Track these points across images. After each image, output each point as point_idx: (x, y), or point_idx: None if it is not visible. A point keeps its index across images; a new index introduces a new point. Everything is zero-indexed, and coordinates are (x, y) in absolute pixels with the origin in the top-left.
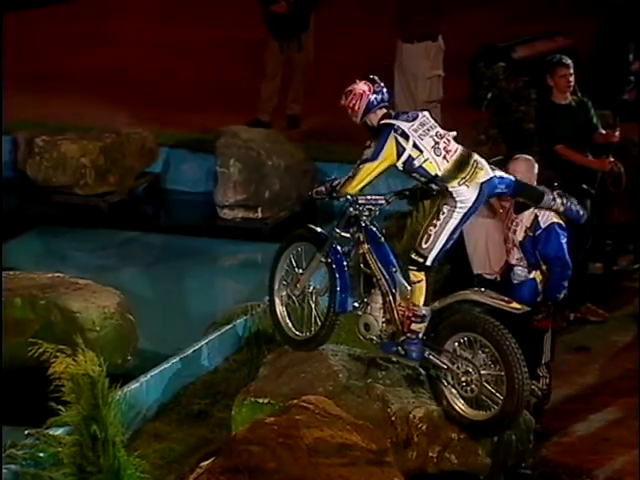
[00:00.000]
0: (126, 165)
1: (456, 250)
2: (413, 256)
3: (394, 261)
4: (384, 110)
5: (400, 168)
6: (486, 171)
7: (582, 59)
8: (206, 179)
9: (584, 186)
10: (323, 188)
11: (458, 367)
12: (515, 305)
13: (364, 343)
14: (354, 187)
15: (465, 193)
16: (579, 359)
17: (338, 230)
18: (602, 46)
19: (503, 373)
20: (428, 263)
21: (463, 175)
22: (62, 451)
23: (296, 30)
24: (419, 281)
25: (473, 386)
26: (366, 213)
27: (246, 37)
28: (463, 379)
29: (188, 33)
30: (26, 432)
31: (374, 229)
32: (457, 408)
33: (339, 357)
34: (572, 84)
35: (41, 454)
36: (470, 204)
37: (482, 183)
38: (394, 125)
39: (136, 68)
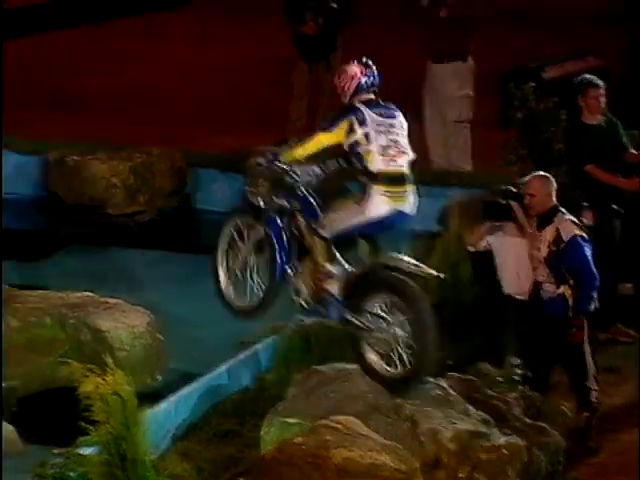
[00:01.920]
0: (156, 185)
1: (486, 270)
2: (314, 225)
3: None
4: (371, 95)
5: (345, 149)
6: (408, 204)
7: (612, 79)
8: (236, 199)
9: (614, 206)
10: (263, 159)
11: (376, 327)
12: (430, 271)
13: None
14: (301, 153)
15: (380, 205)
16: (608, 380)
17: (277, 200)
18: (633, 66)
19: (415, 334)
20: (326, 236)
21: (391, 188)
22: (91, 470)
23: (324, 51)
24: (316, 243)
25: (389, 345)
26: (303, 183)
27: (277, 56)
28: (380, 338)
29: (219, 53)
30: (55, 451)
31: (310, 199)
32: (373, 365)
33: (367, 377)
34: (603, 105)
35: (71, 473)
36: (376, 219)
37: (399, 211)
38: (359, 109)
39: (167, 87)
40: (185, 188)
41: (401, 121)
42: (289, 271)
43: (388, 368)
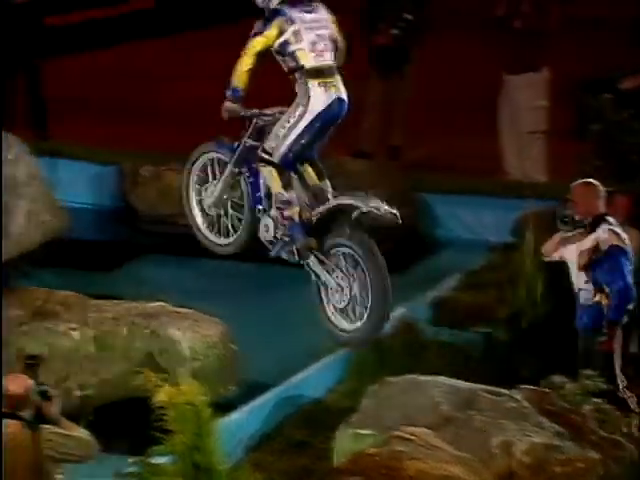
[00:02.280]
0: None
1: (560, 281)
2: (260, 152)
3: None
4: (290, 7)
5: (276, 48)
6: (344, 92)
7: None
8: None
9: None
10: (230, 99)
11: (335, 277)
12: (390, 211)
13: (465, 374)
14: (241, 66)
15: (320, 96)
16: None
17: (249, 140)
18: None
19: (369, 288)
20: (275, 161)
21: (324, 80)
22: None
23: (398, 62)
24: (268, 173)
25: (345, 296)
26: (272, 123)
27: (350, 67)
28: (337, 288)
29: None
30: (130, 461)
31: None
32: (330, 315)
33: (441, 388)
34: None
35: None
36: (320, 110)
37: (338, 98)
38: (285, 10)
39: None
40: None
41: (324, 16)
42: (259, 207)
43: (344, 321)
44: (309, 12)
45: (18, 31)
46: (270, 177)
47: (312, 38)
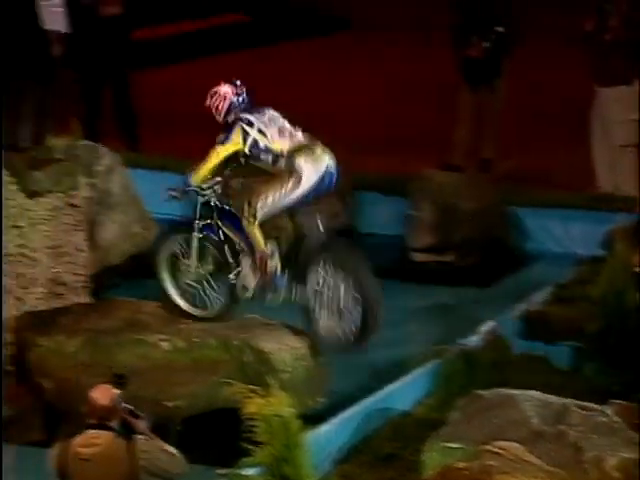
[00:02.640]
0: (319, 207)
1: None
2: (245, 211)
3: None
4: (241, 113)
5: (247, 152)
6: (331, 161)
7: None
8: (398, 222)
9: None
10: (175, 191)
11: (322, 291)
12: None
13: (555, 388)
14: (204, 170)
15: (312, 170)
16: None
17: (199, 222)
18: None
19: (359, 295)
20: (258, 218)
21: (309, 155)
22: None
23: (489, 75)
24: (251, 231)
25: (334, 306)
26: (212, 195)
27: (441, 80)
28: (325, 301)
29: (381, 76)
30: (219, 472)
31: (222, 205)
32: (324, 326)
33: (531, 402)
34: None
35: None
36: (314, 182)
37: (327, 170)
38: (241, 117)
39: (328, 110)
40: (347, 211)
41: (276, 113)
42: (230, 277)
43: (341, 329)
44: (263, 113)
45: (108, 43)
46: (253, 235)
47: (275, 130)
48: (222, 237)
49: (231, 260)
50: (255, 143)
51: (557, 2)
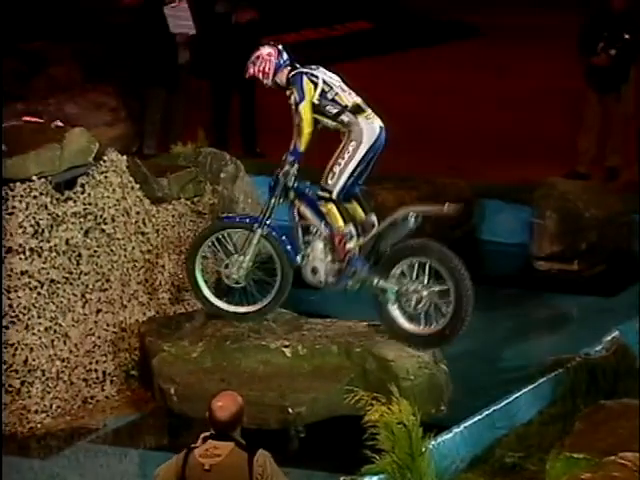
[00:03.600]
0: (441, 216)
1: None
2: (320, 192)
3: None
4: (289, 67)
5: (316, 102)
6: (381, 123)
7: None
8: (522, 230)
9: None
10: (286, 166)
11: (407, 288)
12: (448, 208)
13: None
14: (306, 135)
15: (370, 129)
16: None
17: (277, 200)
18: None
19: (451, 288)
20: (334, 197)
21: (367, 113)
22: None
23: (616, 82)
24: (329, 210)
25: (421, 305)
26: (293, 177)
27: (567, 87)
28: (412, 298)
29: (508, 83)
30: (341, 479)
31: (301, 187)
32: (404, 326)
33: None
34: None
35: None
36: (373, 141)
37: (380, 127)
38: (303, 70)
39: (455, 117)
40: (471, 219)
41: (323, 69)
42: (298, 259)
43: (416, 326)
44: (317, 68)
45: (242, 50)
46: (331, 214)
47: (336, 83)
48: (297, 218)
49: (301, 244)
50: (323, 93)
51: None
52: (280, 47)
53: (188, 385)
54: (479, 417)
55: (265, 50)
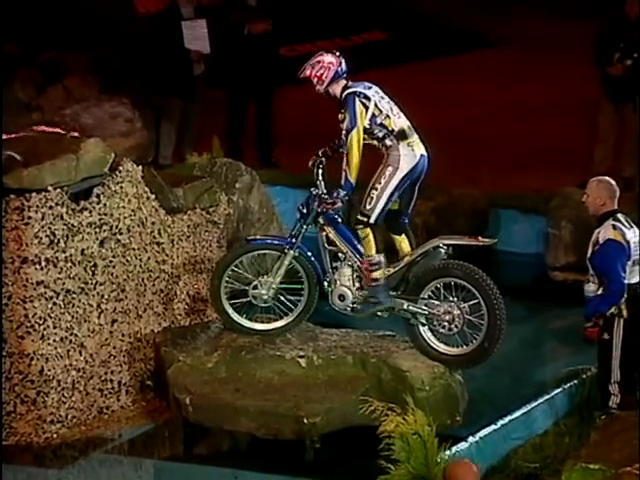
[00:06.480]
0: (457, 225)
1: None
2: (359, 217)
3: (353, 235)
4: (344, 81)
5: (367, 126)
6: (424, 148)
7: None
8: (537, 240)
9: None
10: (339, 202)
11: (438, 310)
12: (483, 240)
13: None
14: (357, 160)
15: (410, 156)
16: None
17: (307, 227)
18: None
19: (484, 308)
20: (372, 221)
21: (410, 140)
22: None
23: (632, 93)
24: (366, 236)
25: (454, 324)
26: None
27: (582, 97)
28: (445, 319)
29: (524, 93)
30: None
31: (332, 214)
32: (436, 347)
33: None
34: None
35: None
36: (410, 168)
37: (422, 155)
38: (356, 91)
39: (471, 127)
40: (486, 229)
41: (376, 87)
42: (325, 284)
43: (448, 348)
44: (370, 87)
45: (257, 61)
46: (367, 240)
47: (387, 106)
48: (325, 243)
49: (329, 270)
50: (373, 117)
51: None
52: (342, 59)
53: (203, 395)
54: (494, 427)
55: (327, 57)
